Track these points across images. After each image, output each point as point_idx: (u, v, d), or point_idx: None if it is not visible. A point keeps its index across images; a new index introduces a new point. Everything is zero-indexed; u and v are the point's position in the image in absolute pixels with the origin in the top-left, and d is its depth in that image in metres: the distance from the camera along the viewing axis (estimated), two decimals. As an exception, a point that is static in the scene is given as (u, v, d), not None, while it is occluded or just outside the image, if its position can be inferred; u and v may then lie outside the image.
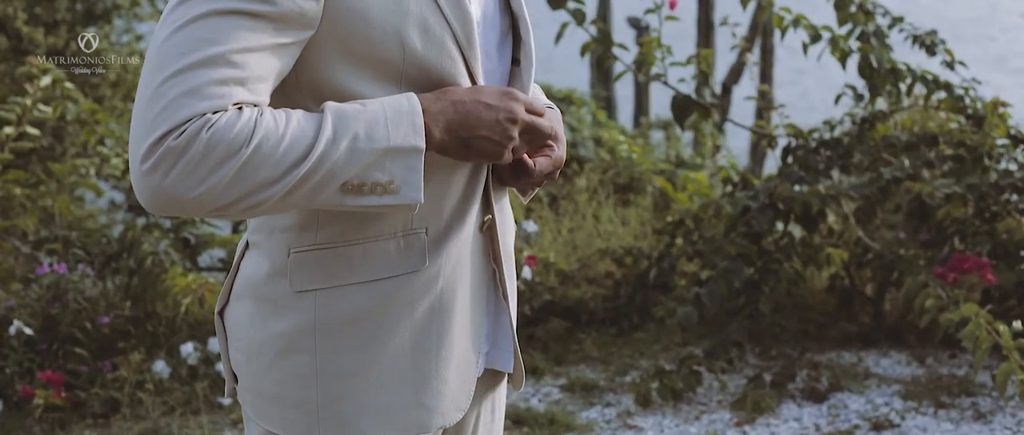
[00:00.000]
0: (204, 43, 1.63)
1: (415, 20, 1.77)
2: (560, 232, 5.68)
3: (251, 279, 1.91)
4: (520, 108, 1.82)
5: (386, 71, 1.77)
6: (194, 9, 1.65)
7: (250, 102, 1.67)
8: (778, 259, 4.89)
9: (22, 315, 4.35)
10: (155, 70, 1.64)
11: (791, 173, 5.02)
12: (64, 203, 4.96)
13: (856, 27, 5.15)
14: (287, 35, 1.69)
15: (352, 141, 1.68)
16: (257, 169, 1.64)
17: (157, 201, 1.65)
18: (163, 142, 1.61)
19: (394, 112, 1.72)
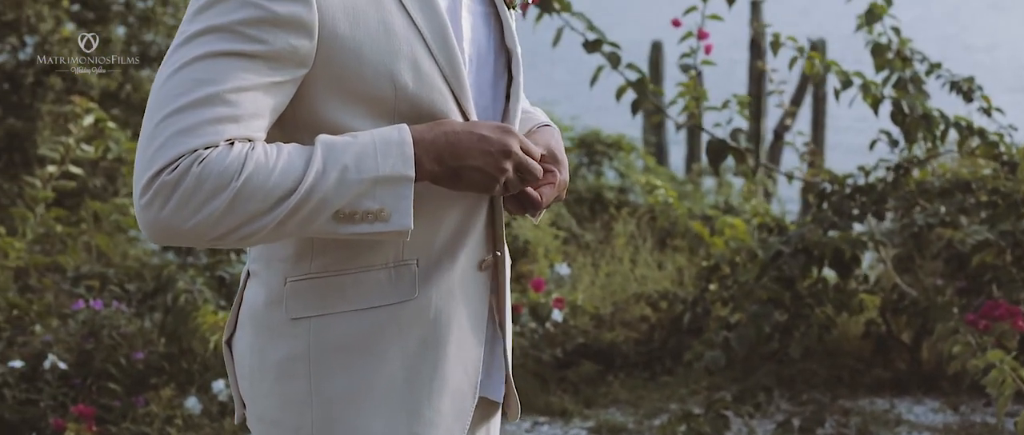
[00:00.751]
0: (200, 84, 1.72)
1: (406, 59, 1.83)
2: (597, 275, 5.69)
3: (252, 307, 1.99)
4: (515, 143, 1.87)
5: (378, 108, 1.83)
6: (192, 51, 1.73)
7: (243, 137, 1.74)
8: (809, 304, 4.88)
9: (58, 350, 4.43)
10: (154, 110, 1.73)
11: (824, 218, 5.01)
12: (104, 241, 5.06)
13: (893, 73, 5.15)
14: (282, 73, 1.77)
15: (342, 172, 1.75)
16: (248, 200, 1.71)
17: (156, 232, 1.74)
18: (159, 177, 1.70)
19: (383, 143, 1.79)
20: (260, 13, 1.72)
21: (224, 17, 1.72)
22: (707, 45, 5.12)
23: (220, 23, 1.72)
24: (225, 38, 1.72)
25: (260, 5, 1.72)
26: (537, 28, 5.01)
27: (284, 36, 1.74)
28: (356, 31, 1.79)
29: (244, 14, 1.72)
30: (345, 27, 1.78)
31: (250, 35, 1.72)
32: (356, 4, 1.79)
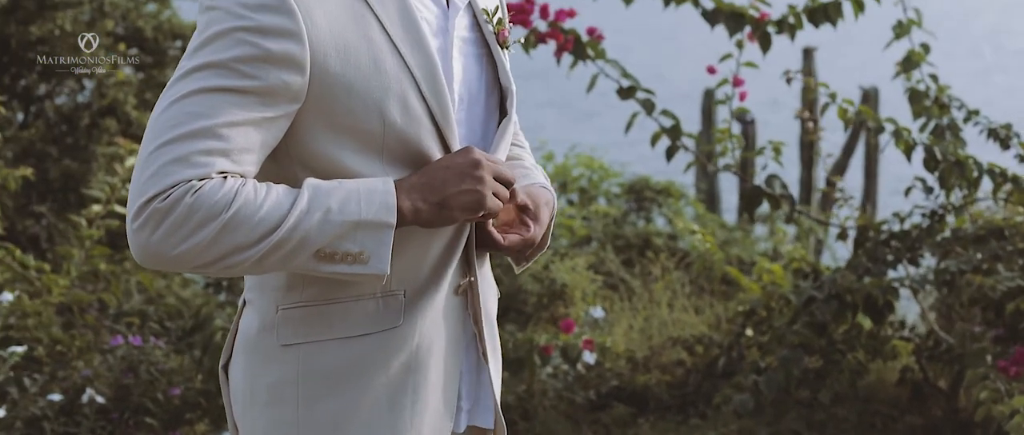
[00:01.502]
0: (194, 117, 1.80)
1: (395, 97, 1.91)
2: (635, 319, 5.73)
3: (246, 334, 2.07)
4: (477, 153, 1.95)
5: (368, 142, 1.91)
6: (189, 86, 1.82)
7: (234, 171, 1.83)
8: (841, 350, 4.89)
9: (97, 384, 4.53)
10: (150, 140, 1.82)
11: (858, 264, 5.02)
12: (147, 279, 5.17)
13: (930, 120, 5.17)
14: (274, 109, 1.85)
15: (325, 213, 1.84)
16: (234, 233, 1.80)
17: (144, 257, 1.83)
18: (151, 204, 1.79)
19: (367, 190, 1.87)
20: (254, 51, 1.81)
21: (220, 54, 1.81)
22: (742, 92, 5.16)
23: (216, 59, 1.81)
24: (220, 74, 1.81)
25: (254, 43, 1.81)
26: (572, 75, 5.09)
27: (277, 72, 1.82)
28: (347, 68, 1.87)
29: (239, 51, 1.81)
30: (336, 64, 1.87)
31: (244, 72, 1.81)
32: (348, 43, 1.88)
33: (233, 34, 1.81)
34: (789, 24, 5.03)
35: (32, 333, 4.62)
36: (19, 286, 4.81)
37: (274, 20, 1.82)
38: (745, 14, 5.04)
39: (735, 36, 5.07)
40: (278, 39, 1.82)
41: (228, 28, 1.81)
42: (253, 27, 1.81)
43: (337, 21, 1.87)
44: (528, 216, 2.12)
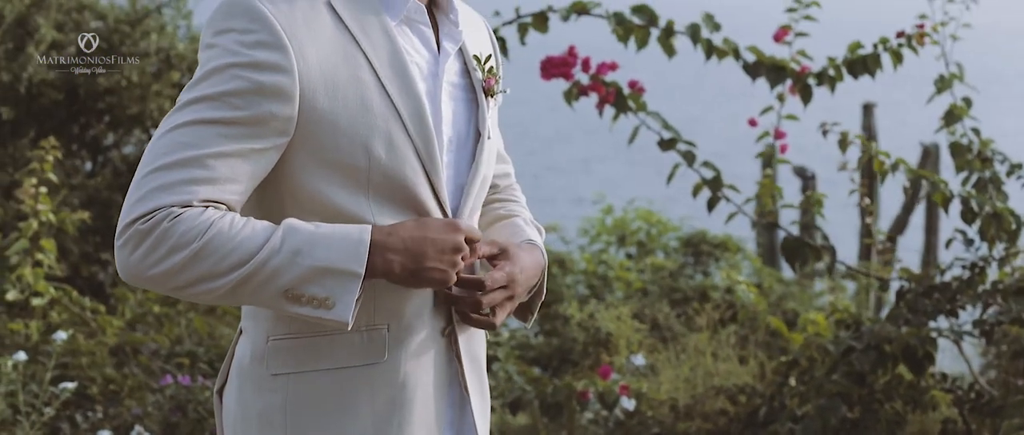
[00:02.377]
0: (183, 147, 1.92)
1: (381, 134, 2.01)
2: (680, 367, 5.78)
3: (240, 361, 2.16)
4: (461, 237, 2.05)
5: (354, 176, 2.01)
6: (183, 117, 1.94)
7: (217, 200, 1.93)
8: (880, 400, 4.91)
9: (146, 422, 4.67)
10: (142, 166, 1.95)
11: (898, 316, 5.06)
12: (199, 321, 5.31)
13: (972, 174, 5.21)
14: (264, 141, 1.96)
15: (294, 254, 1.93)
16: (204, 261, 1.90)
17: (125, 273, 1.95)
18: (133, 225, 1.91)
19: (342, 238, 1.96)
20: (246, 84, 1.93)
21: (215, 88, 1.93)
22: (783, 145, 5.24)
23: (211, 93, 1.93)
24: (213, 107, 1.93)
25: (246, 77, 1.93)
26: (615, 127, 5.19)
27: (267, 104, 1.94)
28: (334, 104, 1.98)
29: (233, 86, 1.93)
30: (324, 100, 1.98)
31: (236, 104, 1.93)
32: (337, 80, 1.99)
33: (229, 70, 1.94)
34: (829, 76, 5.10)
35: (86, 372, 4.77)
36: (75, 326, 4.97)
37: (267, 55, 1.94)
38: (786, 67, 5.12)
39: (776, 88, 5.15)
40: (270, 73, 1.94)
41: (224, 64, 1.94)
42: (247, 63, 1.94)
43: (328, 60, 1.99)
44: (496, 261, 2.19)
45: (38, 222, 4.84)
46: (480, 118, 2.21)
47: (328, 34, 2.01)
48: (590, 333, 5.90)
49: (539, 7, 5.09)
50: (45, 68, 6.99)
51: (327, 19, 2.02)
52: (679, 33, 5.11)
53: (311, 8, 2.01)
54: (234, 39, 1.95)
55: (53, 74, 7.06)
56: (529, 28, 5.09)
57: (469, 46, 2.24)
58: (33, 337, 4.75)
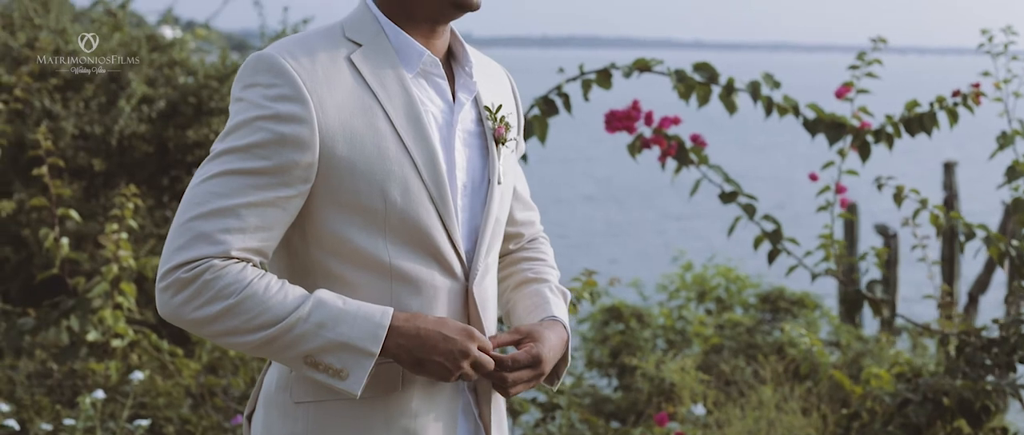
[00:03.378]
0: (217, 196, 2.11)
1: (396, 179, 2.18)
2: (743, 419, 5.85)
3: (267, 389, 2.33)
4: (473, 346, 2.21)
5: (371, 219, 2.18)
6: (215, 168, 2.13)
7: (252, 248, 2.11)
8: (937, 452, 4.96)
9: (218, 460, 4.86)
10: (180, 213, 2.13)
11: (956, 369, 5.10)
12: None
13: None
14: (288, 189, 2.13)
15: (319, 326, 2.11)
16: (237, 317, 2.09)
17: (166, 314, 2.14)
18: (175, 272, 2.10)
19: (364, 318, 2.14)
20: (269, 136, 2.10)
21: (242, 140, 2.11)
22: (843, 199, 5.32)
23: (239, 145, 2.11)
24: (242, 158, 2.11)
25: (269, 129, 2.11)
26: (677, 181, 5.31)
27: (289, 154, 2.11)
28: (353, 152, 2.15)
29: (257, 137, 2.11)
30: (343, 148, 2.14)
31: (261, 155, 2.10)
32: (355, 129, 2.16)
33: (254, 122, 2.12)
34: (887, 133, 5.18)
35: (162, 412, 4.96)
36: (153, 368, 5.18)
37: (289, 108, 2.12)
38: (846, 123, 5.21)
39: (835, 145, 5.24)
40: (291, 124, 2.11)
41: (250, 117, 2.13)
42: (271, 115, 2.11)
43: (345, 110, 2.16)
44: (523, 344, 2.33)
45: (119, 267, 5.06)
46: (490, 165, 2.35)
47: (347, 87, 2.18)
48: (655, 383, 5.99)
49: (603, 64, 5.23)
50: (136, 122, 7.26)
51: (347, 73, 2.20)
52: (740, 90, 5.22)
53: (332, 63, 2.19)
54: (259, 93, 2.14)
55: (144, 128, 7.34)
56: (593, 84, 5.23)
57: (487, 96, 2.39)
58: (112, 377, 4.96)
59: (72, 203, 6.57)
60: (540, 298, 2.48)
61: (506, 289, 2.54)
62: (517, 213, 2.58)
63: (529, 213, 2.63)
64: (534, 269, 2.57)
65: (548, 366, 2.35)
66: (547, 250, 2.64)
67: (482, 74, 2.40)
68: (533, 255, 2.61)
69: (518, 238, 2.60)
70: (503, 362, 2.27)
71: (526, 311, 2.47)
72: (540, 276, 2.55)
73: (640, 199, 28.47)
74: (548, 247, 2.65)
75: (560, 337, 2.39)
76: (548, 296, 2.49)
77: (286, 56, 2.16)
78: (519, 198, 2.58)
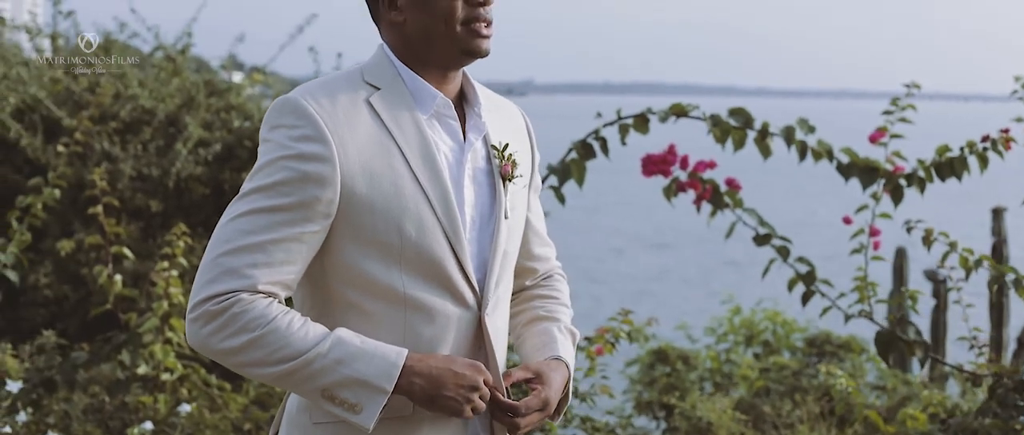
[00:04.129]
0: (244, 234, 2.27)
1: (411, 216, 2.33)
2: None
3: (290, 411, 2.48)
4: (481, 380, 2.36)
5: (387, 252, 2.33)
6: (242, 207, 2.30)
7: (276, 281, 2.27)
8: (969, 492, 5.01)
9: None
10: (211, 249, 2.30)
11: (988, 409, 5.16)
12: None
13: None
14: (311, 225, 2.29)
15: (337, 362, 2.27)
16: (261, 349, 2.25)
17: (194, 344, 2.31)
18: (205, 304, 2.26)
19: (380, 357, 2.30)
20: (293, 174, 2.26)
21: (268, 179, 2.28)
22: (875, 241, 5.40)
23: (265, 184, 2.28)
24: (268, 196, 2.27)
25: (293, 167, 2.27)
26: (713, 223, 5.41)
27: (312, 190, 2.27)
28: (371, 190, 2.30)
29: (282, 175, 2.27)
30: (362, 185, 2.30)
31: (286, 192, 2.26)
32: (373, 168, 2.31)
33: (279, 162, 2.28)
34: (919, 178, 5.27)
35: (209, 444, 5.13)
36: (201, 401, 5.34)
37: (312, 147, 2.28)
38: (879, 168, 5.31)
39: (868, 189, 5.33)
40: (314, 163, 2.27)
41: (276, 157, 2.29)
42: (295, 154, 2.27)
43: (365, 150, 2.32)
44: (531, 385, 2.49)
45: (169, 303, 5.24)
46: (497, 202, 2.50)
47: (366, 128, 2.34)
48: (693, 422, 6.09)
49: (640, 109, 5.36)
50: (192, 164, 7.46)
51: (366, 115, 2.36)
52: (774, 135, 5.33)
53: (352, 106, 2.35)
54: (284, 134, 2.30)
55: (200, 170, 7.55)
56: (630, 129, 5.35)
57: (498, 135, 2.54)
58: (161, 410, 5.13)
59: (128, 242, 6.77)
60: (548, 337, 2.62)
61: (518, 324, 2.68)
62: (535, 248, 2.73)
63: (545, 249, 2.77)
64: (546, 307, 2.71)
65: (553, 406, 2.51)
66: (562, 287, 2.77)
67: (495, 114, 2.55)
68: (547, 293, 2.75)
69: (533, 273, 2.75)
70: (517, 409, 2.43)
71: (534, 348, 2.61)
72: (551, 315, 2.69)
73: (692, 242, 28.51)
74: (563, 285, 2.79)
75: (563, 377, 2.54)
76: (556, 335, 2.63)
77: (309, 99, 2.32)
78: (536, 233, 2.72)
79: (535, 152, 2.68)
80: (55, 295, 7.36)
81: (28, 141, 7.42)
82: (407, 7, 2.42)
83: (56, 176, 5.70)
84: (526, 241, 2.67)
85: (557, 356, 2.57)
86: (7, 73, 8.00)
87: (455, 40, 2.42)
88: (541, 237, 2.75)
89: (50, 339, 5.75)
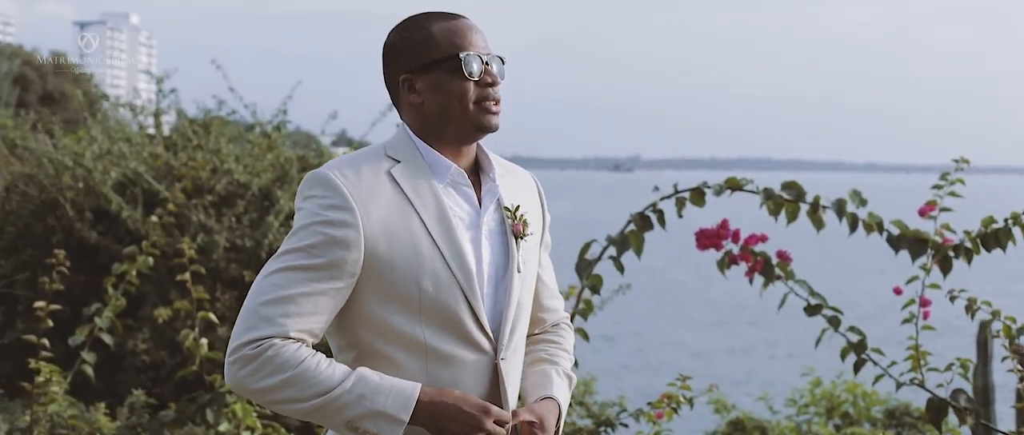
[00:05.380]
0: (279, 287, 2.60)
1: (429, 272, 2.65)
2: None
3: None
4: (488, 421, 2.65)
5: (407, 305, 2.65)
6: (279, 264, 2.63)
7: (305, 329, 2.59)
8: None
9: None
10: (250, 300, 2.62)
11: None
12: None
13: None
14: (338, 281, 2.61)
15: (360, 397, 2.58)
16: (293, 387, 2.56)
17: (232, 384, 2.62)
18: (243, 349, 2.58)
19: (398, 391, 2.61)
20: (323, 238, 2.59)
21: (301, 241, 2.60)
22: (925, 311, 5.55)
23: (299, 246, 2.60)
24: (301, 256, 2.59)
25: (323, 232, 2.59)
26: (766, 295, 5.60)
27: (339, 252, 2.59)
28: (392, 250, 2.62)
29: (313, 239, 2.59)
30: (384, 247, 2.62)
31: (316, 254, 2.58)
32: (393, 230, 2.63)
33: (311, 227, 2.61)
34: (966, 249, 5.44)
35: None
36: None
37: (339, 215, 2.60)
38: (928, 239, 5.48)
39: (918, 260, 5.50)
40: (341, 228, 2.59)
41: (308, 222, 2.62)
42: (324, 221, 2.60)
43: (386, 215, 2.64)
44: (536, 429, 2.78)
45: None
46: (511, 258, 2.79)
47: (388, 196, 2.66)
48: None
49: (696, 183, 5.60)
50: (284, 236, 7.82)
51: (387, 185, 2.68)
52: (826, 208, 5.52)
53: (375, 177, 2.67)
54: (315, 203, 2.63)
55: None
56: (686, 202, 5.59)
57: (510, 198, 2.84)
58: (241, 466, 5.44)
59: (222, 311, 7.13)
60: (546, 378, 2.92)
61: (523, 364, 2.95)
62: (544, 300, 3.03)
63: (554, 301, 3.08)
64: (549, 351, 3.01)
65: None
66: (567, 335, 3.09)
67: (507, 179, 2.87)
68: (552, 339, 3.06)
69: (542, 323, 3.05)
70: None
71: (533, 386, 2.90)
72: (552, 358, 2.99)
73: (773, 317, 28.44)
74: (569, 333, 3.10)
75: (553, 414, 2.84)
76: (553, 377, 2.92)
77: (337, 172, 2.65)
78: (546, 286, 3.03)
79: (545, 212, 2.98)
80: (152, 360, 7.75)
81: (128, 213, 7.85)
82: (425, 90, 2.74)
83: (149, 245, 6.07)
84: (537, 294, 2.97)
85: (551, 396, 2.86)
86: (110, 148, 8.47)
87: (468, 118, 2.74)
88: (551, 290, 3.06)
89: (140, 398, 6.11)
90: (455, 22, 2.78)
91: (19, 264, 8.16)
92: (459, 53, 2.73)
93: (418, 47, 2.75)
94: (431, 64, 2.74)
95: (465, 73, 2.72)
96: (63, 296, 7.96)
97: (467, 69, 2.72)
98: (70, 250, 8.23)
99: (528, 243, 2.84)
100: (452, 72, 2.73)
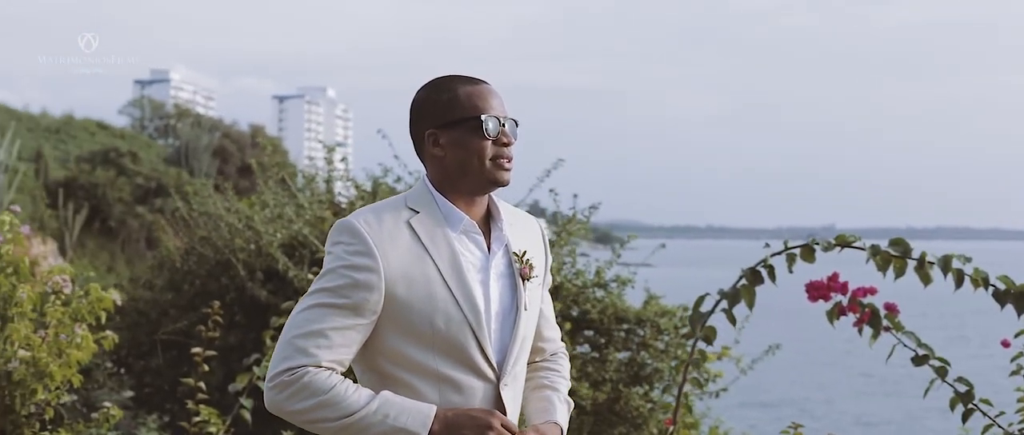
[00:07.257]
0: (311, 322, 2.98)
1: (441, 312, 3.01)
2: None
3: None
4: (495, 422, 2.98)
5: (422, 340, 3.01)
6: (310, 302, 3.00)
7: (335, 359, 2.97)
8: None
9: None
10: (286, 332, 3.00)
11: None
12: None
13: None
14: (361, 318, 2.99)
15: (383, 416, 2.93)
16: (325, 408, 2.94)
17: (271, 407, 3.00)
18: (281, 376, 2.96)
19: (417, 411, 2.95)
20: (348, 280, 2.95)
21: (330, 283, 2.97)
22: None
23: (327, 286, 2.97)
24: (329, 296, 2.96)
25: (348, 275, 2.95)
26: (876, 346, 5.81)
27: (362, 293, 2.95)
28: (409, 293, 2.98)
29: (339, 281, 2.96)
30: (402, 290, 2.97)
31: (343, 294, 2.95)
32: (411, 275, 2.98)
33: (338, 270, 2.96)
34: (1073, 303, 5.59)
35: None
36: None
37: (362, 260, 2.95)
38: (1033, 294, 5.65)
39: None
40: (364, 272, 2.95)
41: (336, 266, 2.98)
42: (349, 265, 2.95)
43: (403, 261, 2.98)
44: None
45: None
46: (518, 298, 3.13)
47: (406, 244, 3.00)
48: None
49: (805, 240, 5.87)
50: None
51: (406, 233, 3.02)
52: (932, 264, 5.74)
53: (395, 226, 3.01)
54: (342, 249, 2.98)
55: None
56: (797, 258, 5.87)
57: (518, 243, 3.16)
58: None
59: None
60: (548, 403, 3.25)
61: (525, 389, 3.27)
62: (544, 331, 3.36)
63: (553, 332, 3.40)
64: (549, 378, 3.34)
65: None
66: (565, 363, 3.41)
67: (516, 227, 3.19)
68: (552, 367, 3.38)
69: (542, 351, 3.38)
70: None
71: (536, 411, 3.23)
72: (552, 385, 3.32)
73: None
74: (566, 362, 3.42)
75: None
76: (555, 402, 3.26)
77: (361, 221, 2.99)
78: (546, 319, 3.36)
79: (548, 256, 3.31)
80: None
81: (294, 272, 8.40)
82: (448, 145, 3.07)
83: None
84: (538, 326, 3.30)
85: (554, 421, 3.20)
86: (281, 213, 9.08)
87: (484, 172, 3.07)
88: (550, 322, 3.39)
89: (289, 441, 6.59)
90: (478, 87, 3.08)
91: (196, 320, 8.77)
92: (480, 114, 3.07)
93: (445, 106, 3.05)
94: (455, 122, 3.04)
95: (484, 132, 3.06)
96: (236, 349, 8.58)
97: (486, 128, 3.05)
98: (243, 307, 8.87)
99: (533, 284, 3.18)
100: (473, 130, 3.05)
